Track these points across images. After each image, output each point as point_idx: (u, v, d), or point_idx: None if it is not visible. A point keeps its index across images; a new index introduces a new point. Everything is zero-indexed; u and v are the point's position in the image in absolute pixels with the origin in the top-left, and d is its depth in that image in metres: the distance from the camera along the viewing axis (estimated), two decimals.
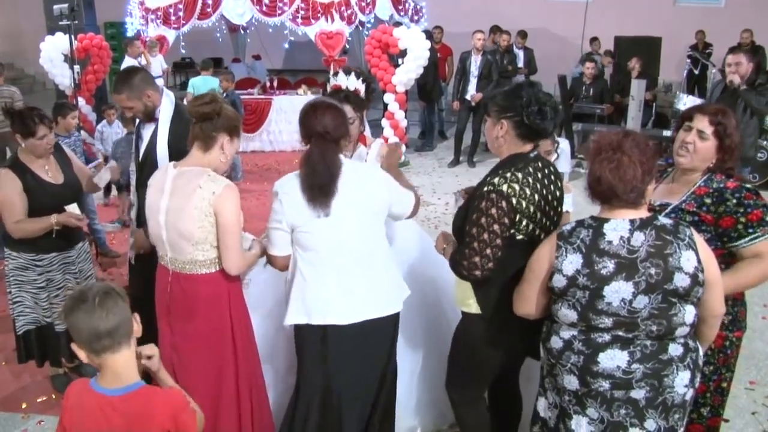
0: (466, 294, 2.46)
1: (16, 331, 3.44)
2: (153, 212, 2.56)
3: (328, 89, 3.07)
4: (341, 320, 2.48)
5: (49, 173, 3.31)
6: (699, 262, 1.98)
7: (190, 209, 2.44)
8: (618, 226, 2.01)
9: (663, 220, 2.04)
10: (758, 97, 5.30)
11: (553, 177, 2.43)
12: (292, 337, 2.76)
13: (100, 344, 1.74)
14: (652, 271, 1.96)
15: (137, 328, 1.84)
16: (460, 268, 2.33)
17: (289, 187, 2.44)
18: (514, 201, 2.25)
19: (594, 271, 1.99)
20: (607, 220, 2.03)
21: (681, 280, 1.96)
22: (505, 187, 2.26)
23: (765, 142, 7.57)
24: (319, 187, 2.38)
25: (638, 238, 1.98)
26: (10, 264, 3.37)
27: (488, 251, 2.27)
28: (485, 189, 2.29)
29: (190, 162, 2.54)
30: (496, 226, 2.25)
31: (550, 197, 2.38)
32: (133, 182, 3.54)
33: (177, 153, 3.00)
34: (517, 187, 2.27)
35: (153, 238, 2.63)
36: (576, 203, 3.13)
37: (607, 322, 2.01)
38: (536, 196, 2.31)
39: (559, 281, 2.06)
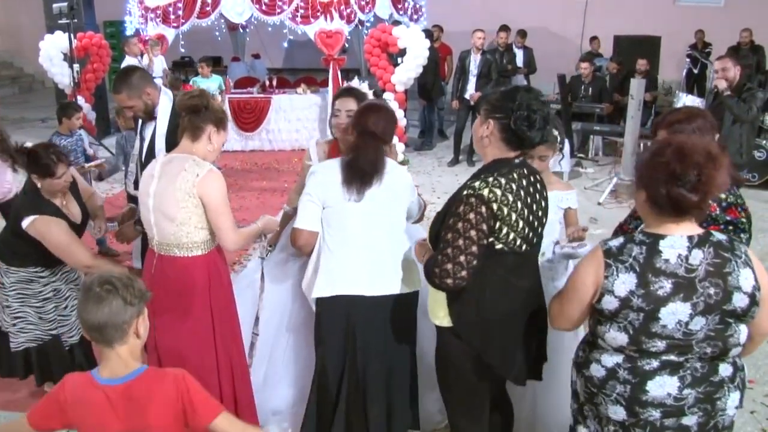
0: (437, 305, 2.33)
1: (11, 347, 3.32)
2: (143, 198, 2.69)
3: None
4: (368, 291, 2.62)
5: (68, 209, 3.24)
6: (756, 280, 1.88)
7: (173, 190, 2.56)
8: (676, 243, 1.86)
9: (718, 236, 1.92)
10: (740, 104, 5.20)
11: (539, 186, 2.32)
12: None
13: (90, 334, 1.84)
14: (711, 291, 1.84)
15: (141, 332, 1.86)
16: (432, 276, 2.20)
17: (328, 167, 2.67)
18: (494, 207, 2.13)
19: (649, 292, 1.85)
20: (662, 237, 1.88)
21: (740, 301, 1.85)
22: (486, 192, 2.13)
23: (764, 142, 7.57)
24: (360, 175, 2.59)
25: (696, 256, 1.85)
26: (10, 278, 3.26)
27: (462, 258, 2.13)
28: (464, 193, 2.17)
29: (179, 151, 2.68)
30: (473, 232, 2.13)
31: (534, 207, 2.26)
32: (130, 185, 3.53)
33: (175, 147, 3.06)
34: (498, 192, 2.14)
35: (144, 225, 2.76)
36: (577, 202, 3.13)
37: (660, 345, 1.88)
38: (519, 204, 2.18)
39: (609, 303, 1.90)
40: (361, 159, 2.60)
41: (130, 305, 1.82)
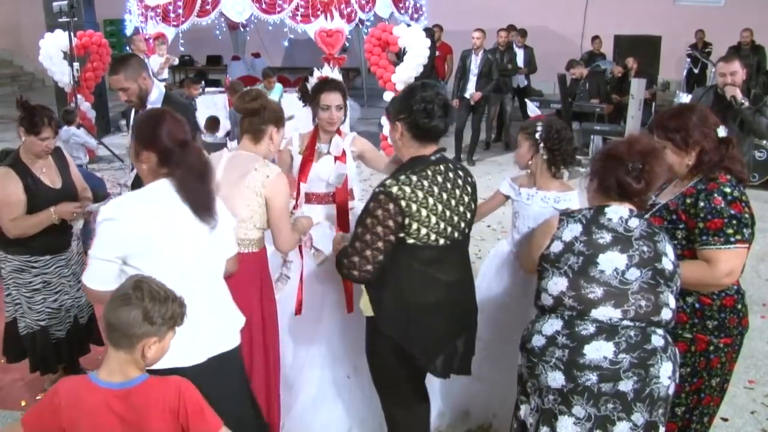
0: (363, 297, 2.42)
1: (19, 330, 3.40)
2: None
3: (311, 82, 3.14)
4: (187, 362, 2.11)
5: (47, 176, 3.26)
6: (675, 257, 2.17)
7: (242, 188, 2.59)
8: (619, 210, 2.16)
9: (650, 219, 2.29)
10: (759, 117, 4.45)
11: (460, 181, 2.38)
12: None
13: (104, 325, 1.82)
14: (645, 248, 2.10)
15: (148, 355, 1.82)
16: (341, 267, 2.32)
17: (128, 207, 2.09)
18: (403, 204, 2.21)
19: (591, 240, 2.11)
20: (608, 205, 2.18)
21: (667, 263, 2.11)
22: (394, 189, 2.22)
23: (765, 142, 7.56)
24: (208, 196, 2.17)
25: (635, 221, 2.14)
26: (6, 267, 3.33)
27: (368, 252, 2.23)
28: (375, 190, 2.27)
29: (243, 149, 2.73)
30: (379, 228, 2.21)
31: (453, 202, 2.33)
32: (130, 181, 3.55)
33: None
34: (408, 189, 2.22)
35: None
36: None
37: (598, 292, 2.06)
38: (430, 200, 2.25)
39: (556, 247, 2.17)
40: (204, 173, 2.17)
41: (149, 323, 1.75)
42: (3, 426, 3.35)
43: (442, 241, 2.30)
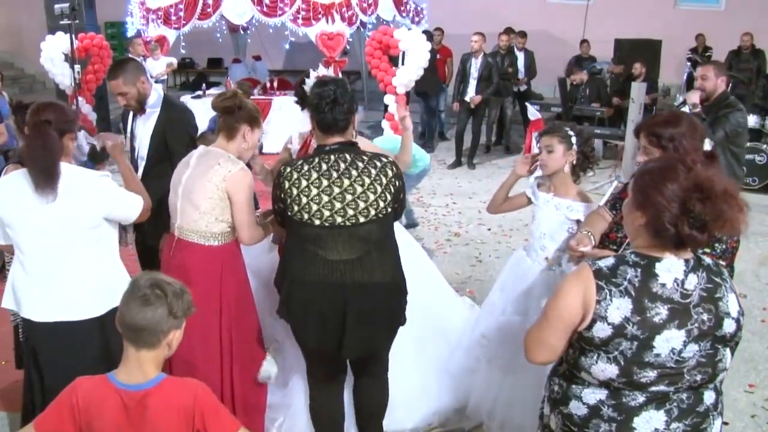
0: None
1: (20, 336, 3.32)
2: (175, 184, 2.84)
3: (307, 83, 3.18)
4: (36, 316, 2.59)
5: None
6: (739, 305, 1.82)
7: (204, 181, 2.71)
8: (673, 267, 1.75)
9: (706, 259, 1.84)
10: (706, 127, 4.03)
11: (354, 172, 2.48)
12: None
13: (122, 330, 1.82)
14: (705, 317, 1.74)
15: (173, 346, 1.85)
16: None
17: (7, 180, 2.57)
18: (280, 180, 2.52)
19: (646, 319, 1.72)
20: (658, 259, 1.76)
21: (729, 326, 1.77)
22: (281, 169, 2.54)
23: (765, 146, 7.60)
24: (44, 170, 2.44)
25: (692, 280, 1.76)
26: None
27: (273, 209, 2.67)
28: None
29: (216, 146, 2.83)
30: (273, 196, 2.61)
31: (336, 189, 2.46)
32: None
33: (168, 136, 3.39)
34: (288, 169, 2.51)
35: (170, 209, 2.89)
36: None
37: (651, 375, 1.76)
38: (304, 182, 2.47)
39: (602, 331, 1.75)
40: (37, 152, 2.48)
41: (173, 317, 1.80)
42: (5, 428, 3.35)
43: (317, 222, 2.47)
